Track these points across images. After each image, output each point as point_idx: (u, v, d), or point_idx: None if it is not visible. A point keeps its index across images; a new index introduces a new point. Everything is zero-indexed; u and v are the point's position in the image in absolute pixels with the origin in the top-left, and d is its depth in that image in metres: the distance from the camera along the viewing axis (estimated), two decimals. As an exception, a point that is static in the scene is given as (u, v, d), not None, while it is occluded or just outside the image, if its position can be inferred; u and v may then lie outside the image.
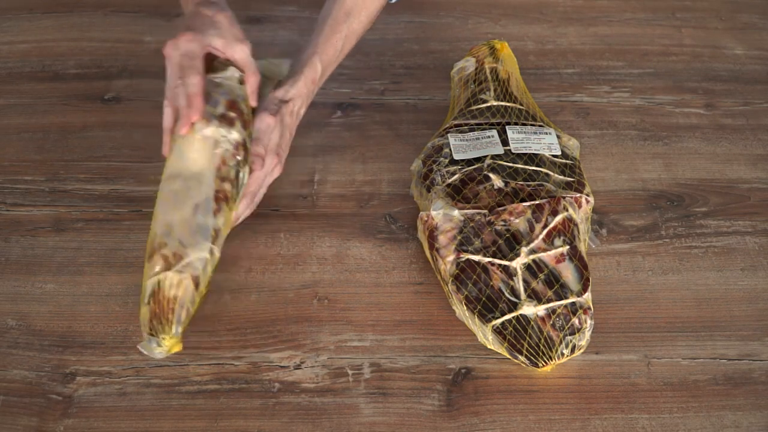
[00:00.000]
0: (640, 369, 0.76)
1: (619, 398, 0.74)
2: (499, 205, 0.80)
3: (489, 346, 0.75)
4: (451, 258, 0.78)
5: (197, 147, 0.78)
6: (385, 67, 1.12)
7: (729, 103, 1.08)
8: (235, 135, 0.79)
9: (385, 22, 1.21)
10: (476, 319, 0.75)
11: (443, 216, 0.80)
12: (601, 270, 0.85)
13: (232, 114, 0.80)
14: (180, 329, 0.71)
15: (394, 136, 1.01)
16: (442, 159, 0.87)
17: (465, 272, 0.77)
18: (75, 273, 0.84)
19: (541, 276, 0.76)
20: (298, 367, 0.76)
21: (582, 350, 0.74)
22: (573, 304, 0.75)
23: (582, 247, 0.80)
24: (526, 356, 0.73)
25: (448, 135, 0.89)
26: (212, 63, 0.84)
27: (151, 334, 0.70)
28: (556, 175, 0.84)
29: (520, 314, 0.74)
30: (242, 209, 0.83)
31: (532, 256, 0.77)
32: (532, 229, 0.79)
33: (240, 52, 0.81)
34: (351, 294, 0.83)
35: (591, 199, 0.84)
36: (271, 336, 0.78)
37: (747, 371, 0.76)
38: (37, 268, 0.84)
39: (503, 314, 0.74)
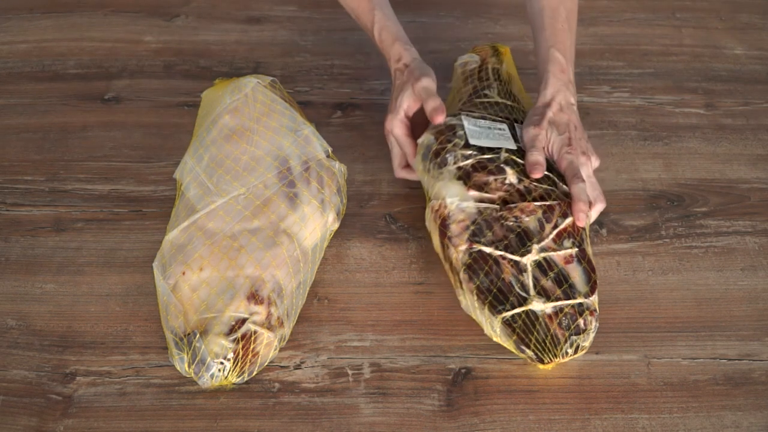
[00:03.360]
0: (640, 369, 0.76)
1: (619, 398, 0.74)
2: (509, 201, 0.80)
3: (495, 339, 0.75)
4: (463, 247, 0.78)
5: None
6: (385, 67, 1.12)
7: (729, 103, 1.08)
8: None
9: (385, 22, 1.21)
10: (486, 310, 0.75)
11: (457, 206, 0.80)
12: (601, 270, 0.85)
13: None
14: (243, 380, 0.73)
15: (394, 136, 1.01)
16: (457, 140, 0.85)
17: (477, 263, 0.77)
18: (75, 273, 0.84)
19: (551, 274, 0.76)
20: (298, 367, 0.76)
21: (584, 351, 0.74)
22: (580, 304, 0.75)
23: (590, 251, 0.80)
24: (533, 350, 0.73)
25: (462, 117, 0.88)
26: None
27: (219, 362, 0.71)
28: (562, 184, 0.83)
29: (530, 309, 0.74)
30: (599, 208, 0.83)
31: (542, 254, 0.77)
32: (542, 228, 0.79)
33: (422, 90, 0.87)
34: (351, 294, 0.83)
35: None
36: (271, 336, 0.78)
37: (747, 371, 0.76)
38: (37, 268, 0.84)
39: (513, 307, 0.74)
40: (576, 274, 0.77)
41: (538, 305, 0.74)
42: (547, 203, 0.79)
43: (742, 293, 0.83)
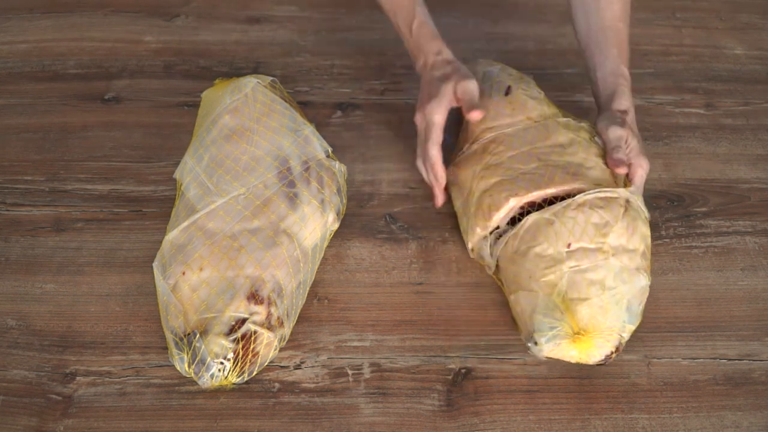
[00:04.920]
0: (640, 369, 0.76)
1: (619, 398, 0.74)
2: None
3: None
4: None
5: None
6: (385, 67, 1.13)
7: (729, 103, 1.08)
8: None
9: (385, 22, 1.21)
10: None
11: None
12: (601, 270, 0.85)
13: None
14: (243, 380, 0.73)
15: (394, 136, 1.01)
16: None
17: None
18: (75, 273, 0.84)
19: None
20: (298, 367, 0.76)
21: None
22: None
23: None
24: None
25: None
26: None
27: (219, 362, 0.71)
28: None
29: None
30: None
31: None
32: None
33: (466, 90, 0.86)
34: (351, 294, 0.83)
35: None
36: (271, 336, 0.78)
37: (747, 371, 0.76)
38: (37, 268, 0.84)
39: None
40: None
41: None
42: None
43: (742, 293, 0.83)
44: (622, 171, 0.82)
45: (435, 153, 0.86)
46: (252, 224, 0.79)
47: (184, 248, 0.78)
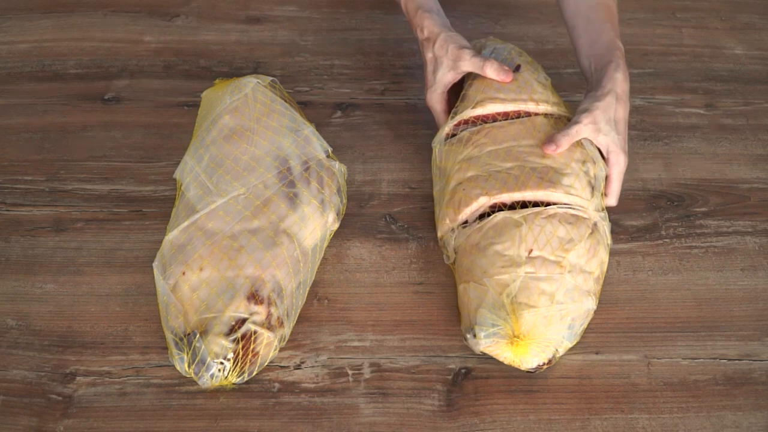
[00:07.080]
0: (640, 369, 0.76)
1: (619, 398, 0.74)
2: None
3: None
4: None
5: None
6: (385, 67, 1.13)
7: (729, 103, 1.08)
8: None
9: (385, 22, 1.21)
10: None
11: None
12: (601, 270, 0.85)
13: None
14: (243, 380, 0.73)
15: (394, 136, 1.01)
16: None
17: None
18: (75, 273, 0.84)
19: None
20: (298, 367, 0.76)
21: None
22: None
23: None
24: None
25: None
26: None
27: (219, 362, 0.71)
28: None
29: None
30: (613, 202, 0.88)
31: None
32: None
33: (467, 66, 0.89)
34: (351, 294, 0.83)
35: None
36: (271, 336, 0.78)
37: (747, 371, 0.76)
38: (37, 268, 0.84)
39: None
40: None
41: None
42: None
43: (742, 293, 0.83)
44: (548, 151, 0.82)
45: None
46: (252, 224, 0.79)
47: (184, 248, 0.78)
